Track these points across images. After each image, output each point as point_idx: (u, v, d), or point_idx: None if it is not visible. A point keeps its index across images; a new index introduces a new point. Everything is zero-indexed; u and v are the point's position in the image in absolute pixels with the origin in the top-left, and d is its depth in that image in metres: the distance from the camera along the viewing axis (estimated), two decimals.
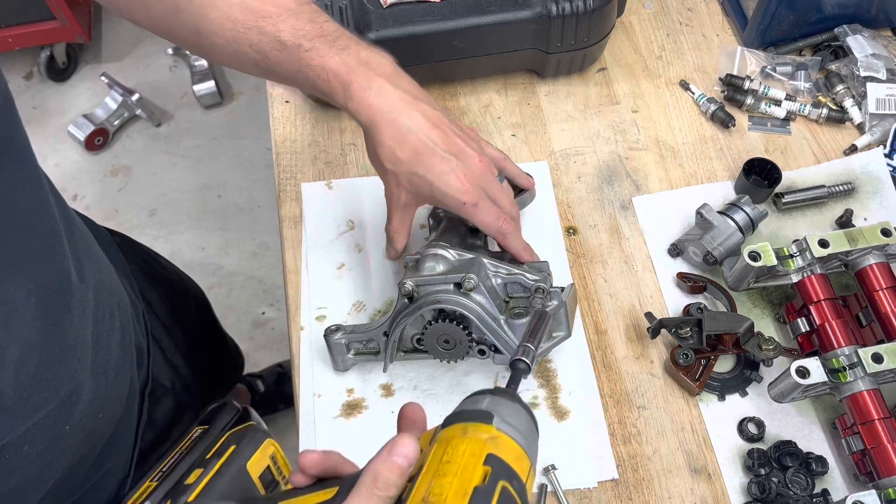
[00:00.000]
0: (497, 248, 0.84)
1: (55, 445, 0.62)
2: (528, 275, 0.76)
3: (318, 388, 0.83)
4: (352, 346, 0.82)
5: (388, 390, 0.83)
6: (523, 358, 0.60)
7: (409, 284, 0.74)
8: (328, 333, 0.80)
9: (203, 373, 1.09)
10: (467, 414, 0.50)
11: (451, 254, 0.76)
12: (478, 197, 0.71)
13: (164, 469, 0.58)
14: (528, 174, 0.85)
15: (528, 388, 0.82)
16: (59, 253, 0.62)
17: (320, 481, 0.53)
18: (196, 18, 0.69)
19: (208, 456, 0.58)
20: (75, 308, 0.63)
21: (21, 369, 0.56)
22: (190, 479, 0.56)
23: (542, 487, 0.77)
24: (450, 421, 0.50)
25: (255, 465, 0.57)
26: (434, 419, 0.80)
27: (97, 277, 0.70)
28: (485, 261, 0.76)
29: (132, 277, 0.89)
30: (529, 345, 0.63)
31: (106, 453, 0.74)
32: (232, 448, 0.58)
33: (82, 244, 0.69)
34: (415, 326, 0.78)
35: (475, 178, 0.71)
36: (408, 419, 0.54)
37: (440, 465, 0.45)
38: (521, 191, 0.86)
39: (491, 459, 0.46)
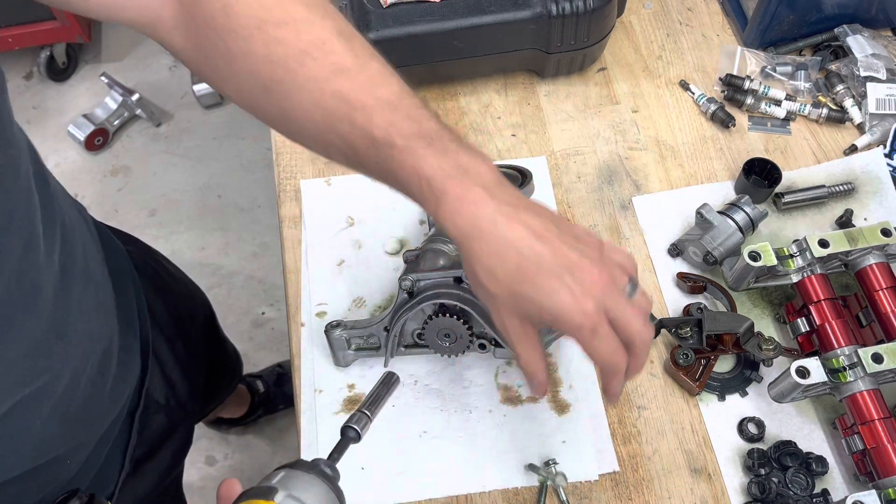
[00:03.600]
0: None
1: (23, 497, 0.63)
2: None
3: (318, 383, 0.83)
4: (352, 342, 0.82)
5: None
6: (353, 426, 0.58)
7: (409, 280, 0.74)
8: (329, 329, 0.80)
9: (200, 384, 1.08)
10: (253, 491, 0.50)
11: (450, 248, 0.77)
12: (597, 321, 0.58)
13: None
14: (524, 168, 0.85)
15: None
16: (41, 315, 0.60)
17: None
18: (286, 101, 0.62)
19: None
20: (54, 368, 0.63)
21: None
22: None
23: (543, 483, 0.77)
24: (238, 500, 0.50)
25: None
26: (434, 413, 0.81)
27: (84, 327, 0.68)
28: None
29: (142, 297, 0.88)
30: (366, 412, 0.60)
31: (83, 478, 0.74)
32: None
33: (75, 293, 0.67)
34: (415, 321, 0.78)
35: (594, 296, 0.58)
36: (220, 499, 0.54)
37: None
38: (519, 186, 0.86)
39: None
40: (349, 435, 0.58)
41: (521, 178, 0.88)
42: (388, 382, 0.63)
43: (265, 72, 0.60)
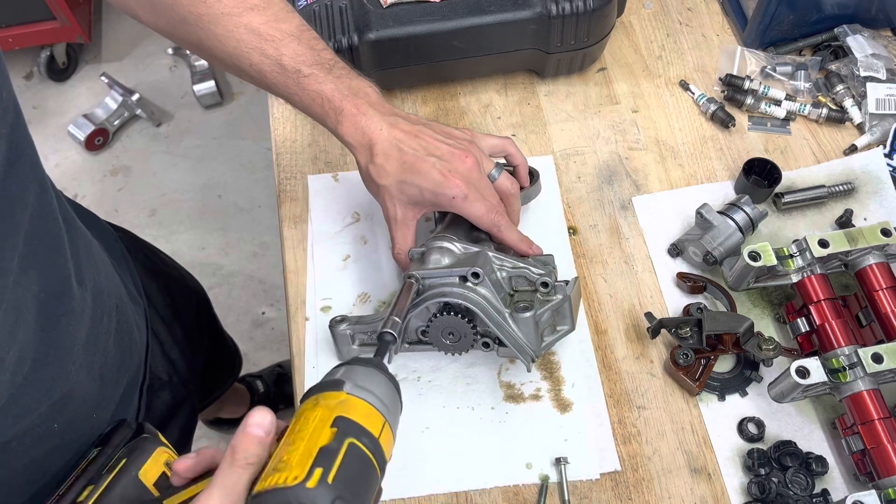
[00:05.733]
0: None
1: (43, 442, 0.63)
2: (533, 268, 0.76)
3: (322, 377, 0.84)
4: (356, 337, 0.82)
5: None
6: (389, 330, 0.64)
7: (414, 277, 0.74)
8: (333, 324, 0.80)
9: (200, 368, 1.09)
10: (320, 385, 0.53)
11: (456, 247, 0.77)
12: (466, 190, 0.74)
13: (61, 492, 0.60)
14: (531, 167, 0.87)
15: (532, 381, 0.83)
16: (62, 257, 0.62)
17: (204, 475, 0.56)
18: (200, 32, 0.73)
19: (102, 473, 0.60)
20: (73, 312, 0.64)
21: (17, 372, 0.56)
22: (82, 497, 0.58)
23: (544, 482, 0.77)
24: (306, 395, 0.53)
25: (148, 472, 0.60)
26: (438, 409, 0.81)
27: (95, 280, 0.70)
28: (490, 254, 0.76)
29: (135, 273, 0.89)
30: (396, 318, 0.66)
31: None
32: (123, 461, 0.61)
33: (83, 248, 0.69)
34: (420, 319, 0.78)
35: (462, 174, 0.74)
36: (250, 426, 0.56)
37: (292, 435, 0.49)
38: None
39: (339, 421, 0.49)
40: (385, 338, 0.64)
41: (528, 177, 0.88)
42: (411, 289, 0.72)
43: (185, 4, 0.72)
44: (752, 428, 0.80)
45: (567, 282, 0.77)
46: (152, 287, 0.96)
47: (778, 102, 1.00)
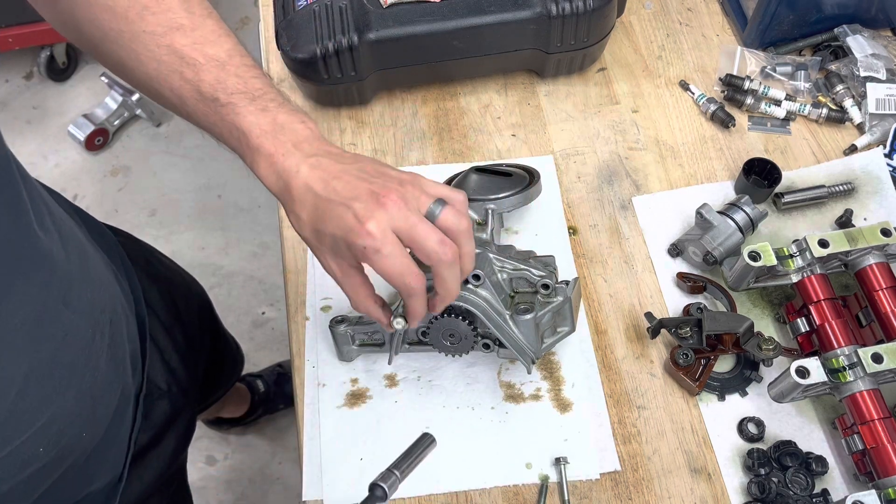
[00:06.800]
0: (503, 243, 0.84)
1: (28, 465, 0.62)
2: (533, 270, 0.76)
3: (322, 377, 0.84)
4: (357, 338, 0.82)
5: (392, 380, 0.84)
6: (381, 484, 0.59)
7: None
8: (333, 324, 0.80)
9: (200, 374, 1.08)
10: None
11: None
12: (381, 241, 0.60)
13: None
14: (531, 167, 0.86)
15: (532, 380, 0.83)
16: (44, 282, 0.60)
17: None
18: (122, 51, 0.66)
19: None
20: (58, 336, 0.62)
21: (1, 399, 0.55)
22: None
23: (544, 482, 0.77)
24: None
25: None
26: (438, 409, 0.81)
27: (90, 297, 0.68)
28: (491, 256, 0.76)
29: (134, 280, 0.89)
30: (395, 471, 0.61)
31: (94, 463, 0.73)
32: None
33: (76, 262, 0.67)
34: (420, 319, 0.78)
35: (377, 217, 0.60)
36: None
37: None
38: (527, 185, 0.86)
39: None
40: (377, 494, 0.57)
41: (528, 177, 0.88)
42: (423, 444, 0.63)
43: (106, 20, 0.65)
44: (752, 428, 0.80)
45: (567, 282, 0.77)
46: (153, 292, 0.95)
47: (778, 102, 1.00)
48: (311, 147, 0.64)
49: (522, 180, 0.87)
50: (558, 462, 0.78)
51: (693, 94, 1.02)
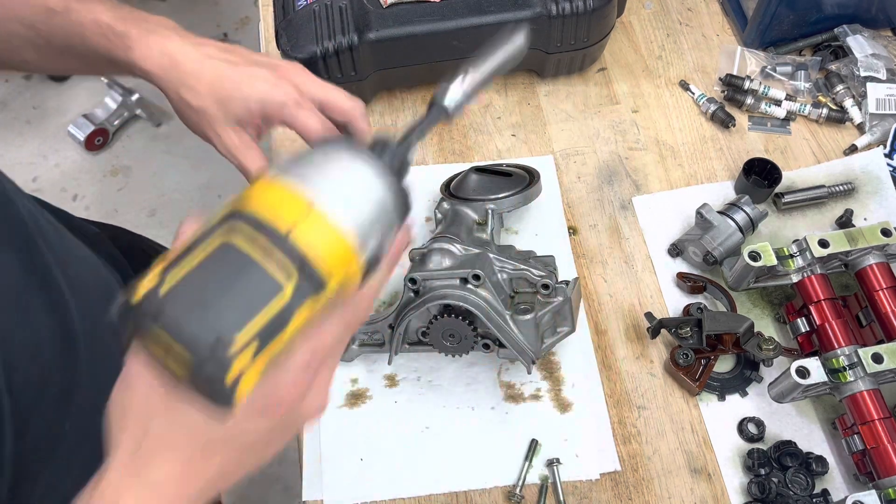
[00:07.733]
0: (503, 243, 0.84)
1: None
2: (534, 270, 0.76)
3: None
4: (357, 338, 0.82)
5: (392, 381, 0.84)
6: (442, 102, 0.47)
7: (415, 278, 0.74)
8: None
9: None
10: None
11: (457, 248, 0.77)
12: (299, 98, 0.64)
13: None
14: (531, 168, 0.87)
15: (532, 381, 0.83)
16: (20, 319, 0.58)
17: None
18: None
19: None
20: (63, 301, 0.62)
21: None
22: None
23: (544, 481, 0.77)
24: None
25: None
26: (437, 409, 0.81)
27: (81, 274, 0.67)
28: (491, 256, 0.76)
29: (128, 270, 0.88)
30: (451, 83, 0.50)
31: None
32: None
33: (67, 244, 0.66)
34: (420, 320, 0.78)
35: (289, 79, 0.64)
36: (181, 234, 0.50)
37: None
38: (527, 185, 0.86)
39: (229, 217, 0.40)
40: (439, 104, 0.45)
41: (528, 177, 0.88)
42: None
43: None
44: (752, 428, 0.80)
45: (567, 282, 0.77)
46: None
47: (778, 102, 1.00)
48: (185, 33, 0.65)
49: (522, 180, 0.87)
50: (551, 464, 0.78)
51: (693, 94, 1.02)
